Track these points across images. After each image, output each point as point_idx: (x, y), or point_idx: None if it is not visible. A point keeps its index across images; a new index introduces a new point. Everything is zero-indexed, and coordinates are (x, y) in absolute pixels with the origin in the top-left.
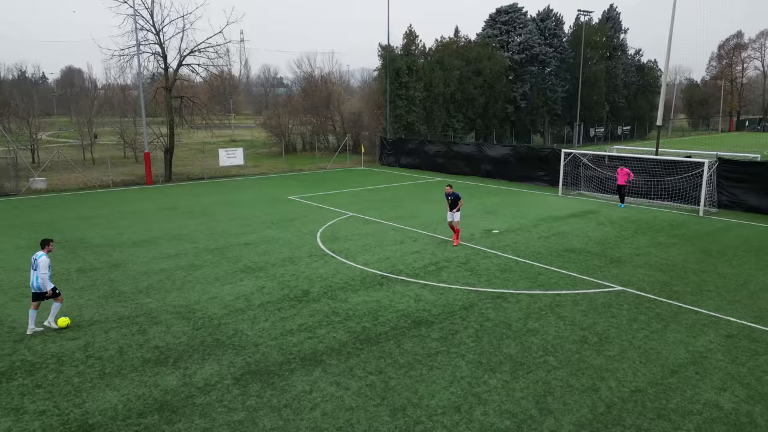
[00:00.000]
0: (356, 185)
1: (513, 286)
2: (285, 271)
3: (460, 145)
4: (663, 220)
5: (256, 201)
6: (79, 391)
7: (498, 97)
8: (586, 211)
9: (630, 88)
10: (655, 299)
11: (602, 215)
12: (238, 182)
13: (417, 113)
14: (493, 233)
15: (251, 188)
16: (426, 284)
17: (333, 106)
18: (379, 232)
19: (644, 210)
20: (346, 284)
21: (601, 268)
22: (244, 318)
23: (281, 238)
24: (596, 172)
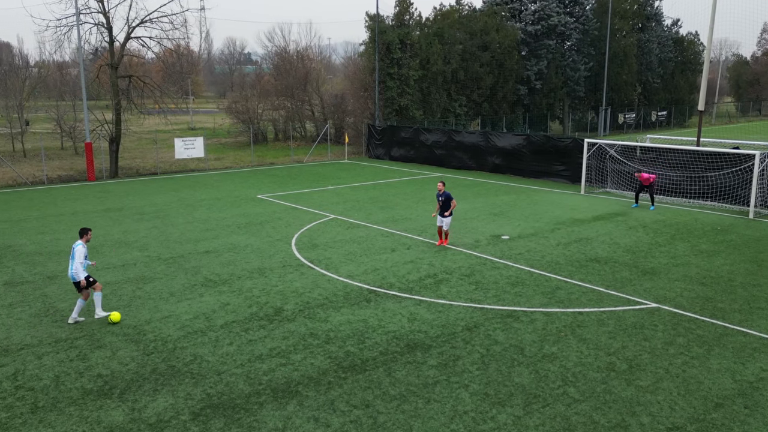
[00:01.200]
0: (339, 182)
1: (526, 302)
2: (253, 285)
3: (463, 134)
4: (705, 223)
5: (219, 201)
6: (6, 429)
7: (508, 76)
8: (613, 213)
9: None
10: (696, 318)
11: (633, 218)
12: (198, 178)
13: (411, 96)
14: (503, 239)
15: (213, 185)
16: (422, 300)
17: (311, 88)
18: (365, 238)
19: (683, 212)
20: (327, 300)
21: (631, 281)
22: (204, 341)
23: (249, 245)
24: (626, 167)
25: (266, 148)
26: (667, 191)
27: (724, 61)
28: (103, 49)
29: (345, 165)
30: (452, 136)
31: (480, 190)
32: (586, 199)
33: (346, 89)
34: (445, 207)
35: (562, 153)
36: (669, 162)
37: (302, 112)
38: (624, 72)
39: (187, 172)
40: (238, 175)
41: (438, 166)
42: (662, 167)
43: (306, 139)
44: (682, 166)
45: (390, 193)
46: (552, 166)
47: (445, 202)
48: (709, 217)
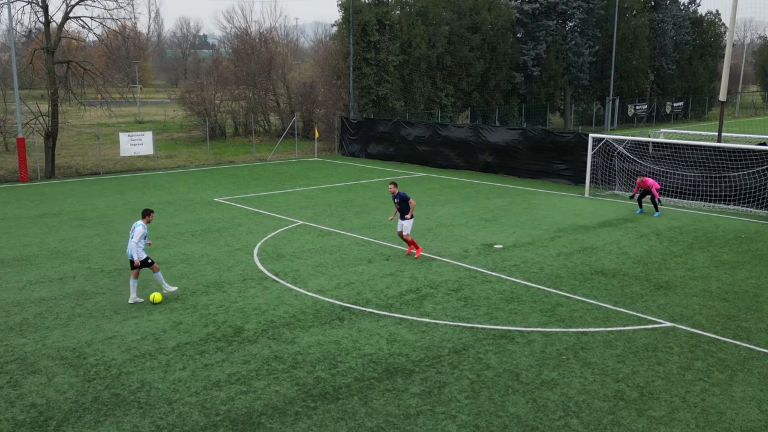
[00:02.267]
0: (308, 182)
1: (522, 321)
2: (210, 301)
3: (450, 128)
4: (727, 230)
5: (170, 205)
6: None
7: (502, 62)
8: (622, 219)
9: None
10: (717, 339)
11: (644, 224)
12: (146, 179)
13: (391, 84)
14: (495, 249)
15: (164, 187)
16: (403, 319)
17: (276, 75)
18: (338, 248)
19: (702, 217)
20: (294, 319)
21: (643, 296)
22: (153, 365)
23: (205, 255)
24: (636, 165)
25: (225, 145)
26: (684, 194)
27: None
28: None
29: (315, 164)
30: (438, 131)
31: (469, 193)
32: (590, 202)
33: (316, 77)
34: (404, 209)
35: (563, 150)
36: (686, 160)
37: (266, 102)
38: (634, 57)
39: (133, 172)
40: (193, 175)
41: (421, 164)
42: (678, 166)
43: (270, 133)
44: (701, 165)
45: (366, 196)
46: (552, 164)
47: (402, 204)
48: (732, 223)
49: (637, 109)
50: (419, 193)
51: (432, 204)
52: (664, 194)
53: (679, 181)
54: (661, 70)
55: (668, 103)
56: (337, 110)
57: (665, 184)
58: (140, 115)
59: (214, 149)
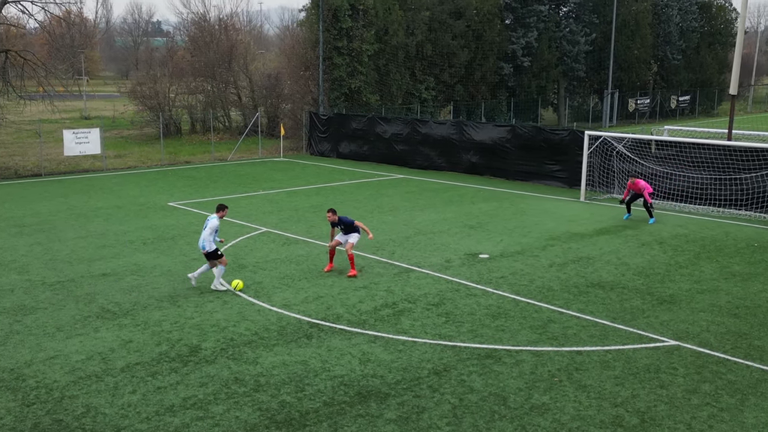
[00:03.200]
0: (273, 185)
1: (510, 339)
2: (163, 317)
3: (431, 125)
4: (738, 238)
5: (119, 210)
6: None
7: (488, 51)
8: (621, 226)
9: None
10: (726, 359)
11: (646, 232)
12: (93, 181)
13: (365, 76)
14: (481, 259)
15: (113, 190)
16: (378, 337)
17: (237, 66)
18: (306, 258)
19: (710, 223)
20: (257, 337)
21: (644, 311)
22: (100, 388)
23: (158, 266)
24: (638, 166)
25: (180, 143)
26: (690, 198)
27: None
28: None
29: (280, 164)
30: (417, 128)
31: (452, 197)
32: (586, 207)
33: (281, 68)
34: (350, 230)
35: (556, 149)
36: (693, 160)
37: (226, 96)
38: (636, 46)
39: (79, 173)
40: (145, 176)
41: (399, 165)
42: (684, 167)
43: (231, 131)
44: (710, 166)
45: (337, 200)
46: (544, 165)
47: (347, 228)
48: (743, 230)
49: (638, 103)
50: (396, 197)
51: (410, 209)
52: (668, 198)
53: (686, 183)
54: (665, 60)
55: (673, 97)
56: (305, 105)
57: (670, 187)
58: (87, 111)
59: (169, 148)
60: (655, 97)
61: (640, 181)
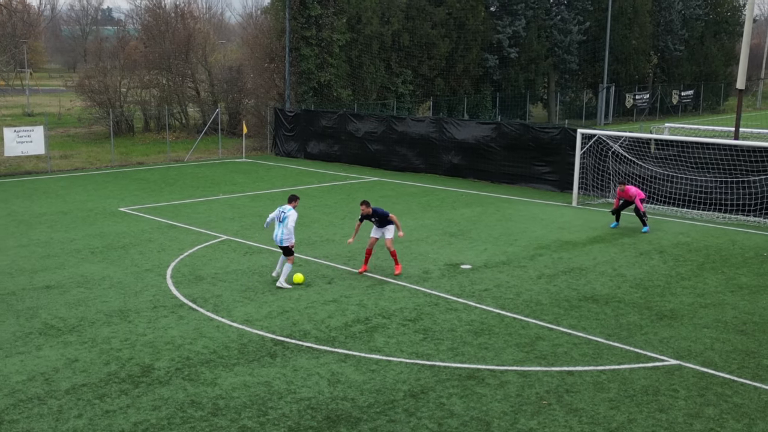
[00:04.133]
0: (234, 189)
1: (495, 358)
2: (113, 333)
3: (408, 122)
4: (746, 247)
5: (65, 216)
6: None
7: (472, 41)
8: (617, 233)
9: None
10: (733, 381)
11: (644, 240)
12: (37, 184)
13: (336, 69)
14: (462, 270)
15: (58, 194)
16: (349, 355)
17: (196, 58)
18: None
19: (715, 231)
20: (215, 355)
21: (642, 328)
22: (42, 412)
23: (107, 277)
24: (636, 168)
25: (133, 142)
26: (693, 202)
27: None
28: None
29: (243, 165)
30: (393, 126)
31: (431, 201)
32: (579, 213)
33: (244, 59)
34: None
35: (546, 149)
36: (696, 162)
37: (183, 91)
38: (634, 35)
39: (21, 176)
40: (93, 179)
41: (373, 166)
42: (687, 169)
43: (188, 129)
44: (715, 168)
45: (305, 205)
46: (532, 166)
47: (381, 221)
48: (752, 238)
49: (636, 99)
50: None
51: None
52: (669, 203)
53: (688, 187)
54: (666, 51)
55: (675, 92)
56: (269, 100)
57: (671, 191)
58: (29, 106)
59: (120, 148)
60: (654, 92)
61: (630, 188)
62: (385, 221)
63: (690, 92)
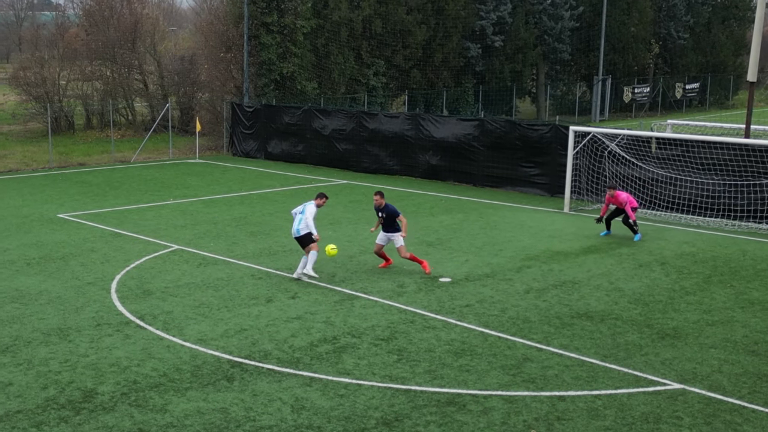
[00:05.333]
0: (186, 193)
1: (477, 382)
2: (51, 354)
3: (381, 119)
4: (758, 257)
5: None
6: None
7: (452, 28)
8: (614, 242)
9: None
10: (743, 407)
11: (645, 250)
12: None
13: (300, 59)
14: (441, 283)
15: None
16: (314, 378)
17: (144, 47)
18: (227, 282)
19: (723, 240)
20: (166, 379)
21: (642, 348)
22: None
23: (44, 291)
24: (635, 170)
25: (73, 141)
26: (699, 208)
27: None
28: None
29: (196, 167)
30: (363, 122)
31: (406, 207)
32: (572, 220)
33: (197, 49)
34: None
35: (534, 148)
36: (702, 162)
37: (129, 84)
38: (633, 22)
39: None
40: (29, 182)
41: (341, 168)
42: (692, 171)
43: (135, 126)
44: (724, 170)
45: (266, 211)
46: (519, 168)
47: (389, 220)
48: (764, 248)
49: (636, 92)
50: (338, 207)
51: (355, 221)
52: (672, 209)
53: (693, 191)
54: (669, 39)
55: (678, 85)
56: (226, 94)
57: (674, 196)
58: None
59: (59, 147)
60: (656, 84)
61: (621, 194)
62: (392, 223)
63: (695, 85)
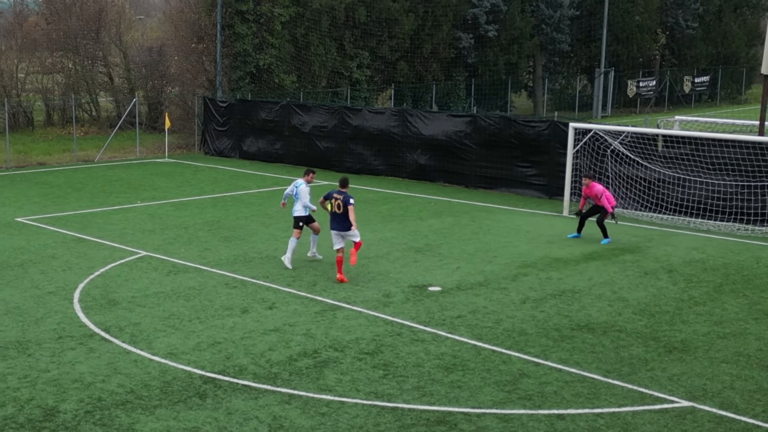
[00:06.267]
0: (155, 195)
1: (470, 399)
2: (9, 369)
3: (365, 115)
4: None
5: None
6: None
7: (441, 17)
8: (618, 248)
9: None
10: (757, 426)
11: (651, 256)
12: None
13: (278, 50)
14: (431, 292)
15: None
16: (294, 395)
17: (109, 37)
18: (199, 291)
19: (735, 246)
20: (133, 396)
21: (647, 362)
22: None
23: (2, 301)
24: (640, 170)
25: (33, 138)
26: (709, 212)
27: None
28: None
29: (165, 166)
30: (346, 119)
31: (393, 210)
32: (571, 224)
33: (167, 39)
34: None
35: (531, 146)
36: (713, 162)
37: (93, 77)
38: (637, 11)
39: None
40: None
41: (322, 167)
42: (701, 171)
43: (99, 122)
44: (735, 170)
45: (241, 215)
46: (515, 168)
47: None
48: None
49: (641, 86)
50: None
51: None
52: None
53: (703, 192)
54: (676, 29)
55: (687, 78)
56: (197, 88)
57: (682, 198)
58: None
59: (17, 145)
60: (662, 78)
61: (595, 185)
62: (345, 215)
63: (705, 78)
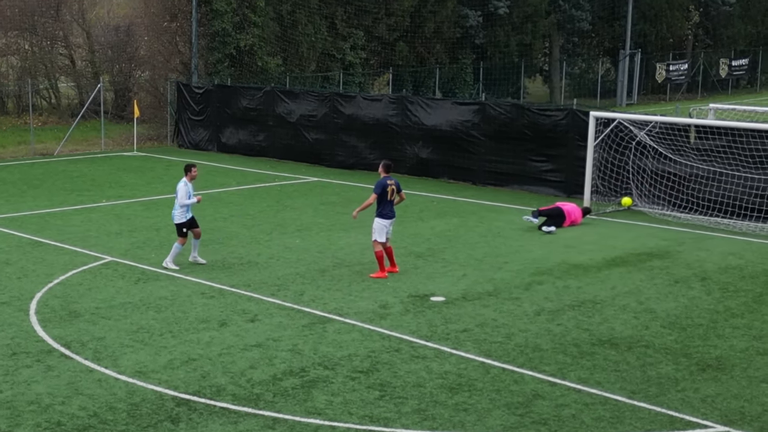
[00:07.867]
0: (122, 193)
1: (477, 423)
2: None
3: (359, 102)
4: None
5: None
6: None
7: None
8: (645, 253)
9: None
10: None
11: (681, 261)
12: None
13: (261, 30)
14: (433, 303)
15: None
16: (278, 419)
17: (70, 14)
18: (171, 301)
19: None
20: (96, 420)
21: (678, 382)
22: None
23: None
24: (669, 165)
25: None
26: (748, 212)
27: None
28: None
29: (134, 161)
30: (338, 107)
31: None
32: (592, 226)
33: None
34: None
35: (547, 138)
36: (752, 156)
37: (53, 59)
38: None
39: None
40: None
41: (311, 162)
42: (739, 166)
43: (60, 111)
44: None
45: (219, 216)
46: (528, 162)
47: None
48: None
49: (671, 70)
50: (307, 211)
51: (329, 228)
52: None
53: (740, 189)
54: (711, 5)
55: (723, 62)
56: (170, 72)
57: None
58: None
59: None
60: (696, 61)
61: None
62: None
63: (743, 61)
